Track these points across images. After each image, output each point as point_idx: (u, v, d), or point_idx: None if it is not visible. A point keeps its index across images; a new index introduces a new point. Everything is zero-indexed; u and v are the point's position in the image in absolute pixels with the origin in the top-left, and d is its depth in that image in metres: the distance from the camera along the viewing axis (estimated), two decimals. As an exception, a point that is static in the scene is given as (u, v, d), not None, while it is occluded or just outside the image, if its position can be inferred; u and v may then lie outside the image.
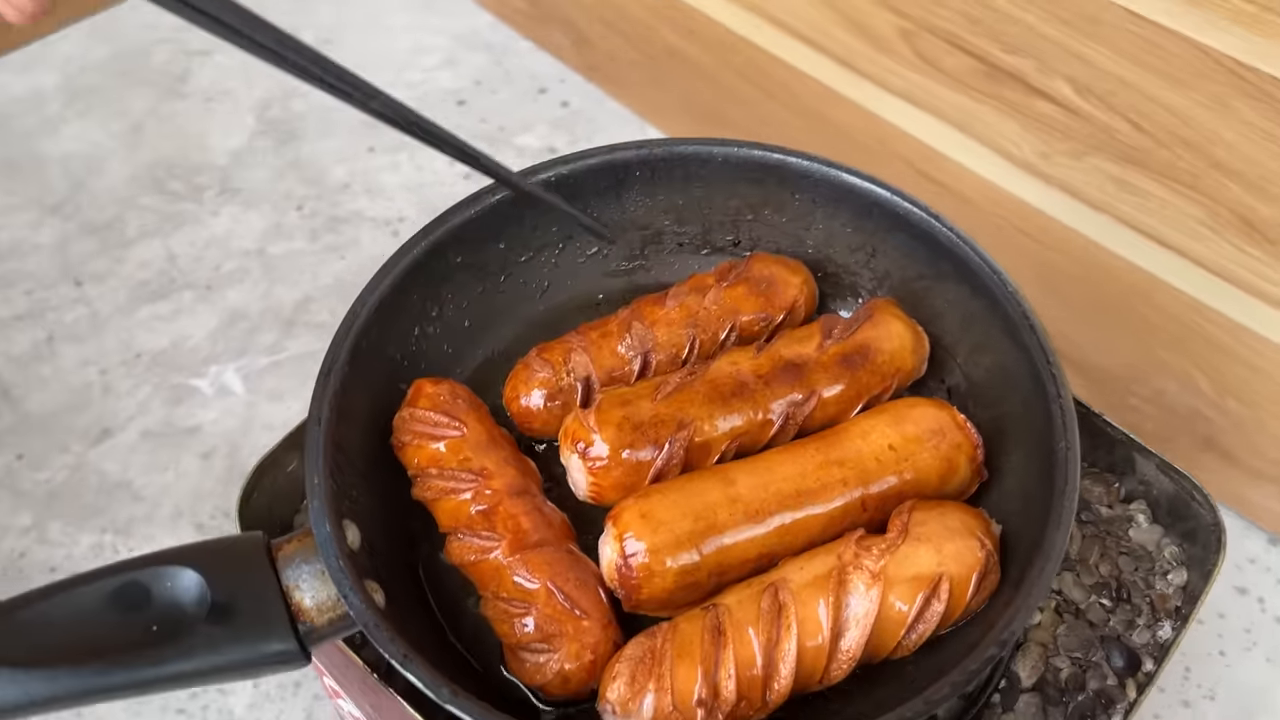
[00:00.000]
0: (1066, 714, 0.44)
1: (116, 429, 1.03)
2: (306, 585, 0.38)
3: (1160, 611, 0.47)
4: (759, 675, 0.37)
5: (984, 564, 0.39)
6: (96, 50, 1.36)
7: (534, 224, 0.49)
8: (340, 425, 0.41)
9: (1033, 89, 0.89)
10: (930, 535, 0.39)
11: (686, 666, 0.37)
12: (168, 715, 0.87)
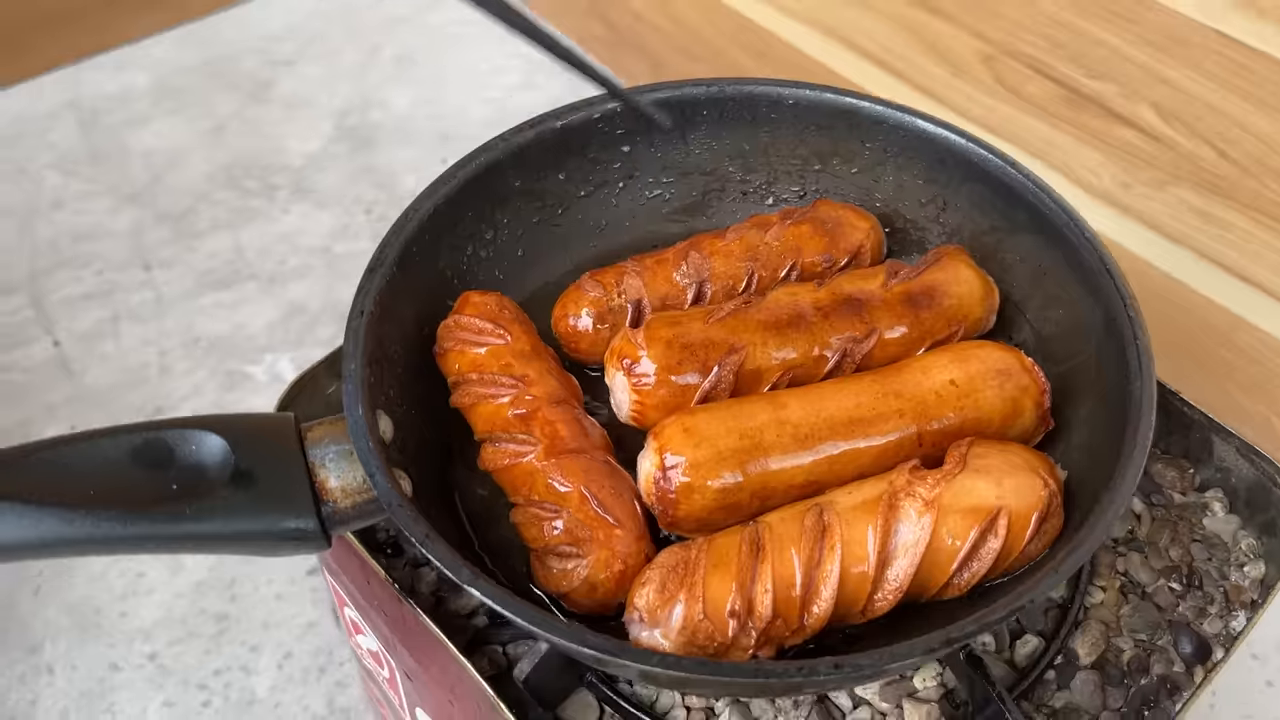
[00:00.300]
0: (1127, 696, 0.41)
1: (169, 408, 1.04)
2: (333, 466, 0.36)
3: (1235, 603, 0.44)
4: (797, 596, 0.35)
5: (1046, 504, 0.36)
6: (188, 55, 1.41)
7: (595, 157, 0.48)
8: (384, 323, 0.40)
9: (1115, 115, 0.88)
10: (990, 468, 0.36)
11: (721, 577, 0.35)
12: (189, 690, 0.85)
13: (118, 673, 0.87)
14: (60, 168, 1.26)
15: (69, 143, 1.29)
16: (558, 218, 0.48)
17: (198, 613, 0.90)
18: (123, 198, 1.23)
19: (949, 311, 0.42)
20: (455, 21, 1.47)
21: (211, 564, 0.93)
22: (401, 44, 1.43)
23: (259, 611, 0.90)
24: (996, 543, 0.36)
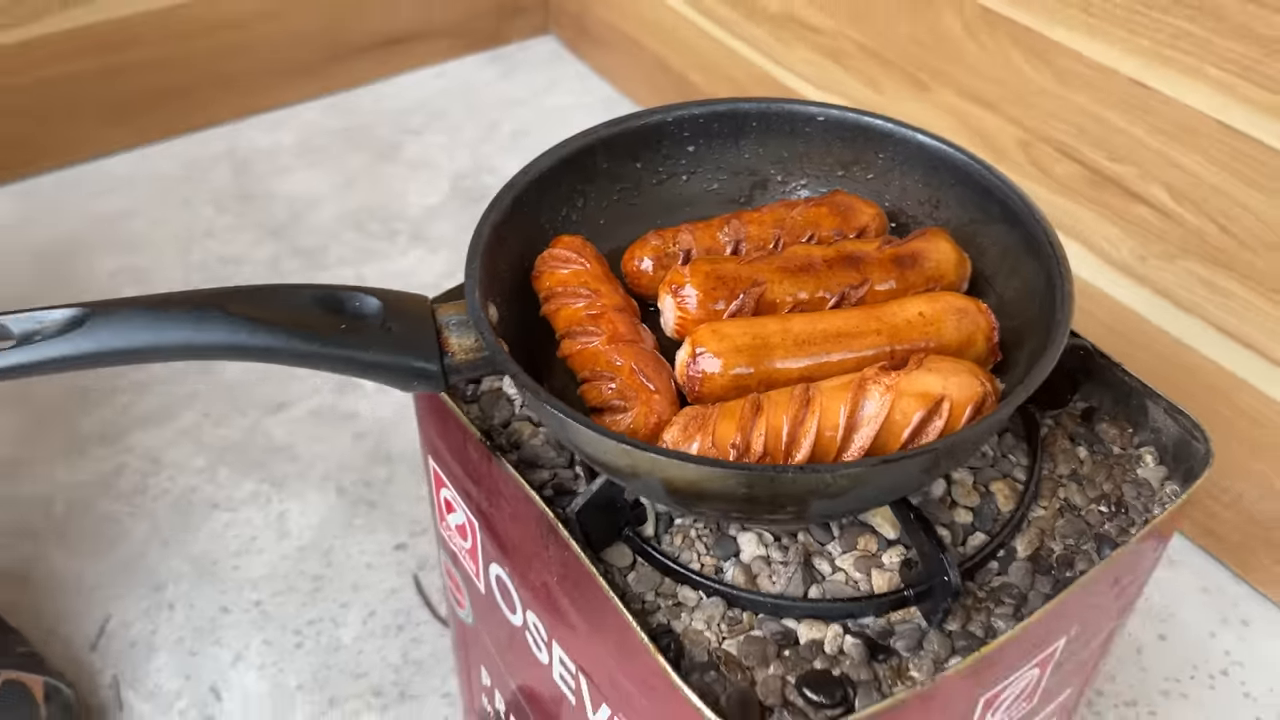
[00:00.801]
0: (1053, 583, 0.52)
1: (290, 404, 1.19)
2: (454, 331, 0.49)
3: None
4: (784, 443, 0.46)
5: (981, 398, 0.47)
6: (331, 120, 1.61)
7: (666, 153, 0.61)
8: (495, 249, 0.53)
9: (1132, 194, 0.99)
10: (940, 369, 0.48)
11: (728, 423, 0.46)
12: (285, 634, 0.98)
13: (227, 614, 1.00)
14: (215, 204, 1.45)
15: (224, 184, 1.48)
16: (633, 198, 0.61)
17: (298, 572, 1.03)
18: (265, 232, 1.41)
19: (928, 272, 0.54)
20: (565, 105, 1.65)
21: (313, 534, 1.06)
22: (517, 121, 1.61)
23: (350, 576, 1.03)
24: (940, 422, 0.47)
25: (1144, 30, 0.92)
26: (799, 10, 1.28)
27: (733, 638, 0.50)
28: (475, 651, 0.70)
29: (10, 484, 1.09)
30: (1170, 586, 1.04)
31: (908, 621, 0.50)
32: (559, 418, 0.46)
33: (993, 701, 0.51)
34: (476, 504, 0.57)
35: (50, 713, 0.86)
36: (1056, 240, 0.53)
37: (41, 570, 1.02)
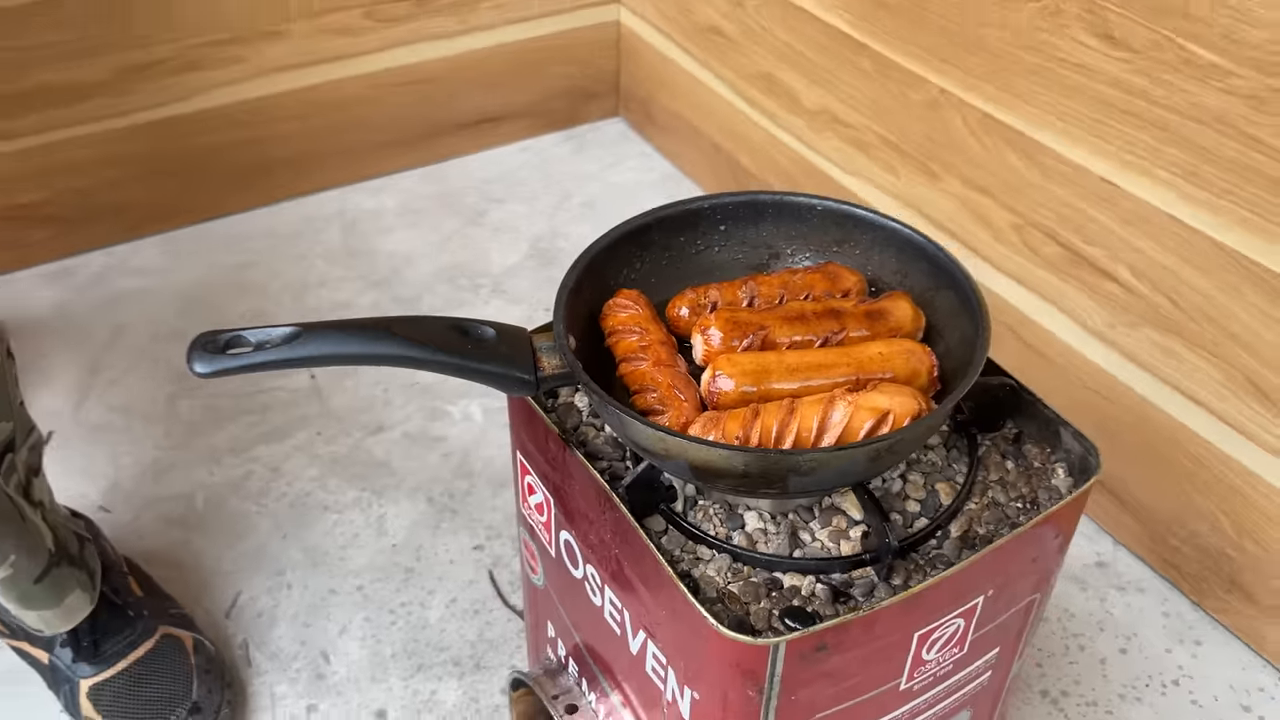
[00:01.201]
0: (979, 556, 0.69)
1: (388, 427, 1.40)
2: (545, 352, 0.68)
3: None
4: (773, 438, 0.64)
5: (917, 412, 0.65)
6: (426, 188, 1.84)
7: (704, 231, 0.81)
8: (575, 296, 0.72)
9: (1103, 272, 1.17)
10: (888, 391, 0.66)
11: (734, 423, 0.65)
12: (382, 612, 1.17)
13: (334, 595, 1.20)
14: (326, 258, 1.68)
15: (334, 241, 1.72)
16: (677, 263, 0.81)
17: (393, 564, 1.23)
18: (368, 283, 1.64)
19: (891, 324, 0.73)
20: (630, 180, 1.87)
21: (406, 534, 1.26)
22: (586, 193, 1.83)
23: (435, 569, 1.22)
24: (885, 428, 0.66)
25: (1109, 137, 1.11)
26: (831, 106, 1.49)
27: (735, 582, 0.68)
28: (543, 609, 0.89)
29: (163, 484, 1.31)
30: (1135, 610, 1.20)
31: (864, 578, 0.68)
32: (617, 415, 0.65)
33: (926, 638, 0.69)
34: (552, 484, 0.77)
35: (198, 662, 1.06)
36: (983, 301, 0.71)
37: (188, 553, 1.23)
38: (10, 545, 0.91)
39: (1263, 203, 0.98)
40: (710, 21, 1.70)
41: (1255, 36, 0.94)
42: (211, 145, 1.68)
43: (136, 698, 1.01)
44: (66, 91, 1.53)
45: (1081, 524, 1.28)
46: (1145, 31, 1.03)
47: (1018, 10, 1.15)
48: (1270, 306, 1.01)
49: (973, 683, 0.77)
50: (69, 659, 1.02)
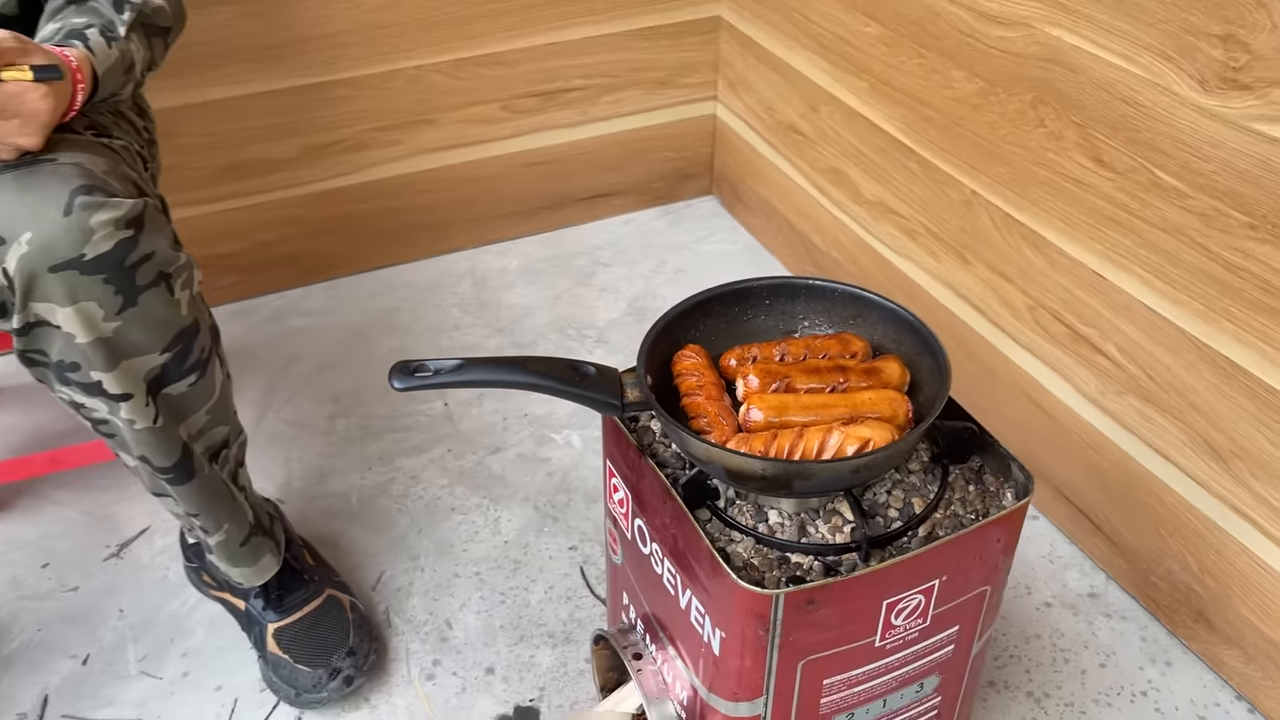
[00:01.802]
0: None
1: (505, 449, 1.69)
2: (630, 386, 0.95)
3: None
4: (785, 454, 0.92)
5: (890, 440, 0.92)
6: (543, 251, 2.15)
7: (753, 304, 1.08)
8: (653, 347, 1.00)
9: (1096, 349, 1.40)
10: (872, 425, 0.91)
11: (758, 442, 0.91)
12: (494, 594, 1.46)
13: (457, 578, 1.49)
14: (459, 307, 2.00)
15: (466, 293, 2.04)
16: (731, 326, 1.08)
17: (504, 557, 1.51)
18: (493, 329, 1.95)
19: (884, 379, 0.99)
20: (717, 251, 2.15)
21: (516, 534, 1.54)
22: (679, 261, 2.12)
23: (538, 563, 1.50)
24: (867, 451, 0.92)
25: (1099, 238, 1.35)
26: (886, 199, 1.75)
27: (756, 558, 0.95)
28: (620, 582, 1.16)
29: (325, 484, 1.63)
30: (1117, 634, 1.41)
31: (850, 560, 0.94)
32: (678, 432, 0.93)
33: (893, 606, 0.94)
34: (631, 484, 1.05)
35: (354, 618, 1.35)
36: (948, 364, 0.97)
37: (344, 539, 1.54)
38: (224, 517, 1.21)
39: (1212, 299, 1.21)
40: (790, 122, 1.99)
41: (1204, 168, 1.19)
42: (370, 211, 2.03)
43: (309, 639, 1.30)
44: (264, 165, 1.89)
45: (1079, 561, 1.51)
46: (1126, 158, 1.28)
47: (1030, 134, 1.41)
48: (1220, 382, 1.23)
49: (938, 651, 1.02)
50: (260, 607, 1.32)
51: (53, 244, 0.86)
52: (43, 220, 0.85)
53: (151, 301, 0.93)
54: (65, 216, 0.86)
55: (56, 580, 1.48)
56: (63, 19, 1.01)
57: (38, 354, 0.93)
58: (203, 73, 1.75)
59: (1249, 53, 1.10)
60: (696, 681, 1.01)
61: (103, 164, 0.93)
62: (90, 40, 0.98)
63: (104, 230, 0.88)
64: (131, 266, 0.90)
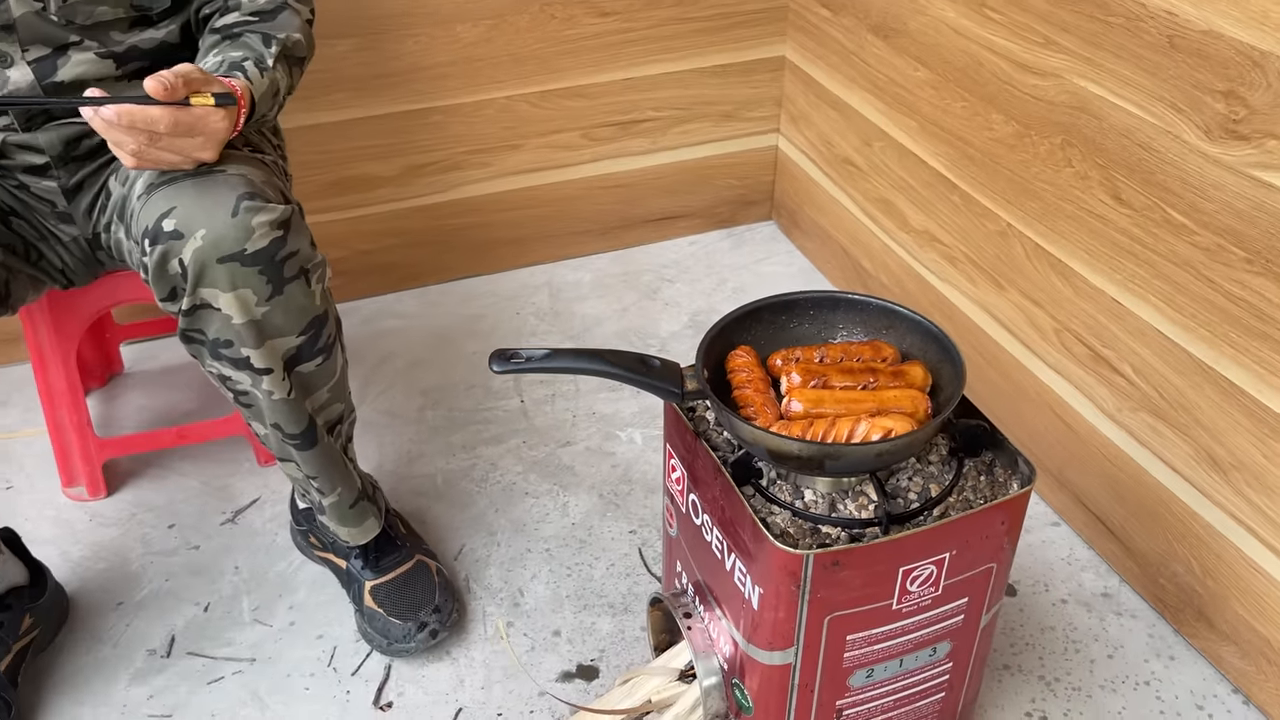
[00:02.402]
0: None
1: (574, 443, 1.87)
2: (689, 378, 1.11)
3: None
4: (819, 439, 1.08)
5: (909, 431, 1.07)
6: (614, 268, 2.32)
7: (798, 313, 1.24)
8: (710, 347, 1.16)
9: (1114, 369, 1.54)
10: (895, 417, 1.07)
11: (796, 428, 1.07)
12: (561, 568, 1.63)
13: (529, 553, 1.66)
14: (536, 315, 2.19)
15: (543, 303, 2.22)
16: (778, 331, 1.24)
17: (571, 536, 1.68)
18: (566, 336, 2.13)
19: (908, 380, 1.14)
20: (774, 272, 2.31)
21: (582, 517, 1.71)
22: (738, 280, 2.29)
23: (602, 543, 1.67)
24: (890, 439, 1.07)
25: (1118, 269, 1.49)
26: (931, 228, 1.91)
27: (792, 527, 1.11)
28: (675, 552, 1.33)
29: (413, 467, 1.81)
30: (1127, 630, 1.54)
31: (873, 532, 1.10)
32: (729, 417, 1.10)
33: (909, 573, 1.09)
34: (687, 464, 1.21)
35: (439, 581, 1.51)
36: (964, 369, 1.13)
37: (429, 516, 1.72)
38: (338, 481, 1.40)
39: (1215, 325, 1.34)
40: (846, 155, 2.15)
41: (1208, 208, 1.32)
42: (460, 226, 2.22)
43: (401, 597, 1.47)
44: (367, 181, 2.10)
45: (1095, 563, 1.64)
46: (1142, 197, 1.42)
47: (1059, 173, 1.56)
48: (1222, 400, 1.36)
49: (949, 620, 1.17)
50: (360, 567, 1.50)
51: (221, 239, 1.05)
52: (214, 220, 1.04)
53: (294, 291, 1.12)
54: (233, 217, 1.05)
55: (181, 539, 1.68)
56: (221, 53, 1.21)
57: (197, 333, 1.12)
58: (315, 98, 1.96)
59: (1247, 107, 1.24)
60: (738, 635, 1.17)
61: (259, 175, 1.12)
62: (248, 71, 1.18)
63: (262, 230, 1.07)
64: (281, 261, 1.09)
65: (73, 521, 1.65)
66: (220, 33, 1.17)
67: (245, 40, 1.14)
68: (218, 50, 1.22)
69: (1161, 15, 1.33)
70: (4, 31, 1.09)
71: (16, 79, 1.12)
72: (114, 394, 1.99)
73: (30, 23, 1.10)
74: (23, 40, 1.10)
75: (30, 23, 1.10)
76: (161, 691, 1.45)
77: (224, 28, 1.17)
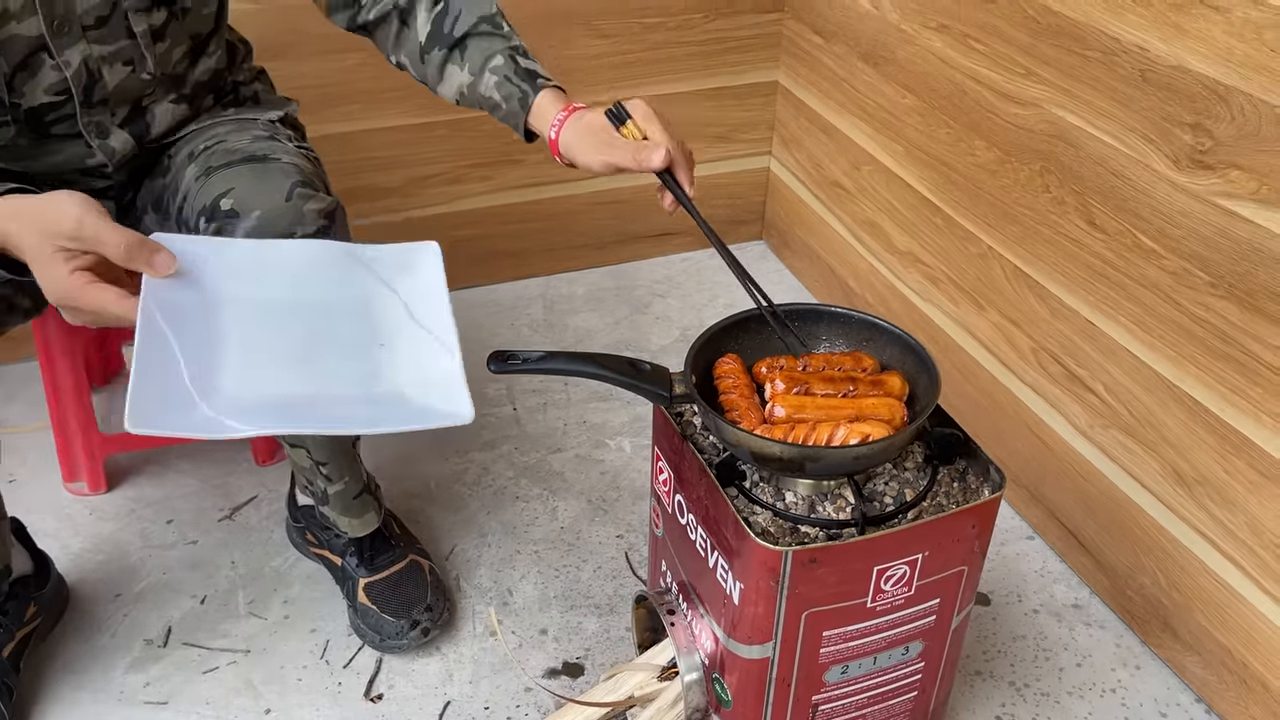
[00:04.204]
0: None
1: (564, 450, 1.92)
2: (677, 382, 1.16)
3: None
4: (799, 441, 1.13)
5: (885, 436, 1.13)
6: (607, 282, 2.38)
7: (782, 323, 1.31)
8: (698, 354, 1.21)
9: (1087, 387, 1.60)
10: (871, 423, 1.12)
11: (778, 431, 1.13)
12: (550, 569, 1.68)
13: (519, 555, 1.70)
14: (530, 326, 2.24)
15: (537, 315, 2.27)
16: (764, 341, 1.30)
17: (560, 540, 1.73)
18: (560, 348, 2.18)
19: (886, 389, 1.20)
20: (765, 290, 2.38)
21: (571, 521, 1.76)
22: (729, 296, 2.34)
23: (589, 547, 1.71)
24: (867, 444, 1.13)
25: (1091, 291, 1.55)
26: (915, 250, 1.97)
27: (773, 526, 1.16)
28: (662, 553, 1.38)
29: (409, 470, 1.86)
30: (1095, 640, 1.59)
31: (850, 533, 1.15)
32: (715, 420, 1.15)
33: (883, 572, 1.14)
34: (674, 465, 1.27)
35: (431, 580, 1.55)
36: (939, 379, 1.19)
37: (423, 517, 1.77)
38: (346, 470, 1.45)
39: (1181, 346, 1.40)
40: (835, 178, 2.21)
41: (1176, 233, 1.39)
42: (459, 237, 2.28)
43: (394, 594, 1.52)
44: (374, 191, 2.16)
45: (1067, 576, 1.69)
46: (1114, 222, 1.49)
47: (1038, 198, 1.62)
48: (1187, 419, 1.42)
49: (922, 619, 1.22)
50: (354, 564, 1.55)
51: (275, 221, 1.11)
52: (269, 202, 1.11)
53: (334, 280, 1.16)
54: (286, 201, 1.11)
55: (179, 534, 1.73)
56: (495, 74, 1.16)
57: None
58: (325, 109, 2.02)
59: (1213, 139, 1.31)
60: (719, 630, 1.22)
61: (310, 168, 1.19)
62: (536, 71, 1.18)
63: (311, 215, 1.13)
64: None
65: (73, 515, 1.69)
66: (447, 45, 1.17)
67: (480, 43, 1.15)
68: (486, 71, 1.16)
69: (1134, 50, 1.39)
70: (101, 106, 1.14)
71: (118, 145, 1.17)
72: (115, 392, 2.03)
73: (122, 89, 1.14)
74: (112, 106, 1.15)
75: (122, 89, 1.14)
76: (158, 680, 1.49)
77: (437, 39, 1.17)
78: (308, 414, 0.89)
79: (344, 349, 0.96)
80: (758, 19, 2.26)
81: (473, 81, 1.13)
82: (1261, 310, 1.17)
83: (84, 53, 1.08)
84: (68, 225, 0.85)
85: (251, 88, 1.44)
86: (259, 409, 0.86)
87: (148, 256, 0.88)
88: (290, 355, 0.93)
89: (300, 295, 0.98)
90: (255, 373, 0.90)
